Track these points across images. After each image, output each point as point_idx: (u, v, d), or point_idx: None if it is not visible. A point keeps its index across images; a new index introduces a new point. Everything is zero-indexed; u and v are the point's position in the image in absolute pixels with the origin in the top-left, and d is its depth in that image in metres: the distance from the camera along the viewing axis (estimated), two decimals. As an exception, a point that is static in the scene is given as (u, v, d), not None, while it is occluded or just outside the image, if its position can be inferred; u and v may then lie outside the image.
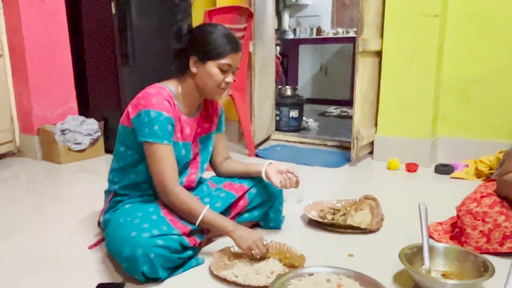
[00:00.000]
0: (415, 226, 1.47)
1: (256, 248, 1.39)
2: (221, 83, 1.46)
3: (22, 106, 3.03)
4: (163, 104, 1.40)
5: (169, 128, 1.42)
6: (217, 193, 1.61)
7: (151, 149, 1.41)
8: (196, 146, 1.60)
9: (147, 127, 1.39)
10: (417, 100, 2.69)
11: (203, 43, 1.45)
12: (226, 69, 1.45)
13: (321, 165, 2.80)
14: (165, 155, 1.40)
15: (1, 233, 1.79)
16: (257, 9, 3.00)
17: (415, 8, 2.61)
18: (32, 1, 2.87)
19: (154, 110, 1.38)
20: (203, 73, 1.46)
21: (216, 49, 1.43)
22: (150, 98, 1.40)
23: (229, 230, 1.41)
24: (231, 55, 1.45)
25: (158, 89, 1.44)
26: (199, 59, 1.45)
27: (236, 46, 1.47)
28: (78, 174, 2.72)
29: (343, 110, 4.86)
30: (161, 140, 1.40)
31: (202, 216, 1.40)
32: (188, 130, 1.53)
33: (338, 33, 5.97)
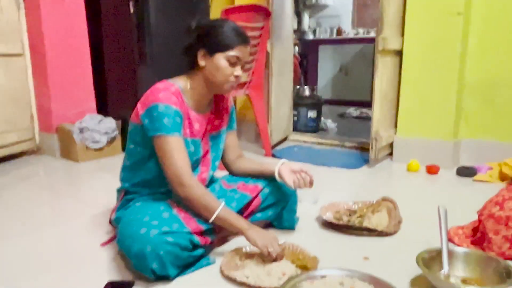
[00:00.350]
0: (434, 229, 1.41)
1: (271, 247, 1.35)
2: (230, 76, 1.44)
3: (42, 105, 3.07)
4: (171, 99, 1.39)
5: (178, 121, 1.40)
6: (232, 194, 1.58)
7: (161, 143, 1.38)
8: (206, 143, 1.58)
9: (156, 121, 1.37)
10: (439, 100, 2.62)
11: (211, 35, 1.43)
12: (234, 61, 1.43)
13: (338, 166, 2.75)
14: (176, 147, 1.38)
15: (16, 230, 1.81)
16: (275, 8, 2.97)
17: (437, 5, 2.54)
18: (53, 0, 2.91)
19: (162, 104, 1.37)
20: (211, 66, 1.44)
21: (224, 41, 1.41)
22: (157, 93, 1.39)
23: (245, 228, 1.38)
24: (240, 47, 1.43)
25: (166, 84, 1.43)
26: (208, 51, 1.43)
27: (244, 39, 1.45)
28: (95, 173, 2.73)
29: (363, 111, 4.79)
30: (171, 132, 1.37)
31: (218, 213, 1.37)
32: (197, 126, 1.51)
33: (358, 34, 5.90)
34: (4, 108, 2.85)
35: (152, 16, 2.90)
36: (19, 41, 2.95)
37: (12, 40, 2.89)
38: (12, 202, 2.18)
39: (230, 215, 1.40)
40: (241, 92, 2.88)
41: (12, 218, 1.96)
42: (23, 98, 3.01)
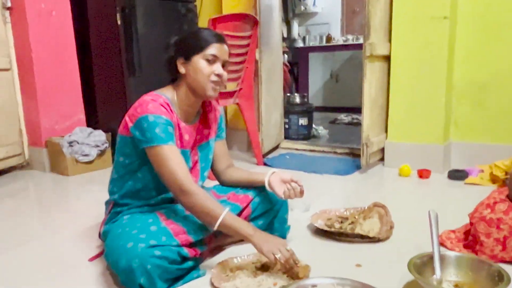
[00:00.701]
0: (426, 234, 1.40)
1: (279, 252, 1.31)
2: (210, 74, 1.42)
3: (30, 119, 3.05)
4: (160, 109, 1.38)
5: (170, 130, 1.38)
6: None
7: (156, 153, 1.36)
8: (195, 154, 1.56)
9: (147, 131, 1.35)
10: (428, 104, 2.62)
11: (186, 42, 1.44)
12: (212, 60, 1.42)
13: (330, 173, 2.74)
14: (172, 156, 1.36)
15: (4, 244, 1.78)
16: (263, 17, 2.97)
17: (423, 10, 2.56)
18: (39, 14, 2.90)
19: (152, 114, 1.35)
20: (191, 70, 1.43)
21: (198, 42, 1.42)
22: (146, 104, 1.37)
23: (250, 234, 1.34)
24: (215, 45, 1.42)
25: (154, 96, 1.42)
26: (185, 58, 1.44)
27: (219, 37, 1.45)
28: (85, 186, 2.70)
29: (354, 117, 4.79)
30: (165, 141, 1.35)
31: (222, 219, 1.34)
32: (187, 137, 1.50)
33: (348, 40, 5.93)
34: (-8, 123, 2.83)
35: (140, 27, 2.89)
36: (6, 56, 2.93)
37: (-1, 54, 2.87)
38: (0, 217, 2.14)
39: (234, 221, 1.37)
40: (230, 101, 2.87)
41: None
42: (11, 113, 2.98)
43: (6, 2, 2.87)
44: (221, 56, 1.44)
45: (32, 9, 2.86)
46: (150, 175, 1.46)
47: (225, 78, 1.46)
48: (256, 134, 3.02)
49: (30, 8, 2.85)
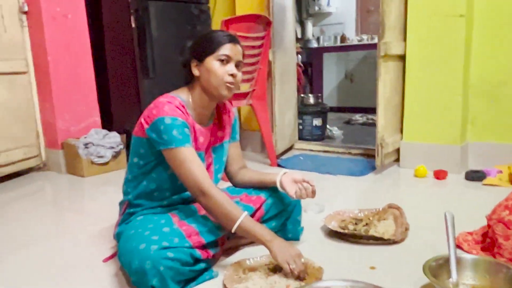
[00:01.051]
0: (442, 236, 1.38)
1: (293, 263, 1.31)
2: (224, 75, 1.42)
3: (47, 121, 3.09)
4: (176, 111, 1.38)
5: (186, 132, 1.39)
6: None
7: (175, 155, 1.36)
8: (209, 156, 1.56)
9: (164, 134, 1.35)
10: (444, 104, 2.58)
11: (199, 44, 1.45)
12: (225, 60, 1.42)
13: (344, 174, 2.71)
14: (191, 157, 1.36)
15: (19, 244, 1.81)
16: (276, 17, 2.96)
17: (439, 8, 2.52)
18: (55, 17, 2.94)
19: (168, 116, 1.36)
20: (204, 72, 1.43)
21: (211, 44, 1.42)
22: (162, 106, 1.38)
23: (267, 239, 1.34)
24: (228, 46, 1.42)
25: (169, 98, 1.42)
26: (198, 60, 1.44)
27: (232, 38, 1.44)
28: (100, 187, 2.73)
29: (369, 118, 4.75)
30: (183, 143, 1.36)
31: (240, 222, 1.34)
32: (201, 139, 1.50)
33: (362, 40, 5.88)
34: (10, 126, 2.87)
35: (153, 29, 2.91)
36: (23, 59, 2.98)
37: (16, 58, 2.92)
38: (17, 218, 2.18)
39: (252, 225, 1.37)
40: (244, 102, 2.87)
41: (15, 233, 1.96)
42: (28, 115, 3.03)
43: (23, 7, 2.92)
44: (234, 56, 1.44)
45: (48, 12, 2.90)
46: (165, 176, 1.47)
47: (239, 78, 1.46)
48: (270, 135, 3.01)
49: (46, 12, 2.90)
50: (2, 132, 2.82)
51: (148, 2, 2.95)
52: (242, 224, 1.34)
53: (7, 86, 2.86)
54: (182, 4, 3.16)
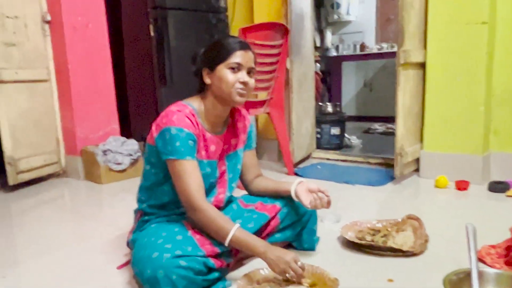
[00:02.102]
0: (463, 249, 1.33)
1: (290, 271, 1.28)
2: (235, 82, 1.41)
3: (66, 128, 3.14)
4: (184, 121, 1.37)
5: (190, 144, 1.38)
6: (249, 215, 1.54)
7: (175, 166, 1.37)
8: (222, 163, 1.55)
9: (169, 144, 1.36)
10: (466, 113, 2.52)
11: (210, 52, 1.44)
12: (236, 68, 1.41)
13: (363, 183, 2.67)
14: (189, 171, 1.36)
15: (36, 250, 1.82)
16: (294, 26, 2.95)
17: (460, 16, 2.47)
18: (76, 27, 3.00)
19: (174, 127, 1.36)
20: (216, 80, 1.42)
21: (221, 51, 1.41)
22: (171, 115, 1.38)
23: (260, 251, 1.32)
24: (238, 53, 1.41)
25: (180, 106, 1.42)
26: (210, 68, 1.43)
27: (243, 45, 1.43)
28: (117, 194, 2.75)
29: (388, 127, 4.68)
30: (183, 156, 1.36)
31: (232, 235, 1.32)
32: (213, 148, 1.49)
33: (382, 49, 5.82)
34: (31, 133, 2.93)
35: (171, 38, 2.94)
36: (45, 67, 3.04)
37: (38, 66, 2.98)
38: (36, 224, 2.20)
39: (245, 237, 1.35)
40: (261, 110, 2.86)
41: (34, 239, 1.98)
42: (49, 122, 3.08)
43: (46, 16, 2.99)
44: (246, 64, 1.42)
45: (69, 22, 2.96)
46: None
47: (251, 85, 1.44)
48: (287, 143, 2.99)
49: (68, 21, 2.95)
50: (24, 139, 2.87)
51: (167, 12, 2.99)
52: (234, 237, 1.33)
53: (29, 93, 2.91)
54: (201, 14, 3.19)
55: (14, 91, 2.80)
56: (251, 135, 1.66)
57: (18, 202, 2.62)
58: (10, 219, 2.37)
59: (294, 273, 1.28)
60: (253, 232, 1.48)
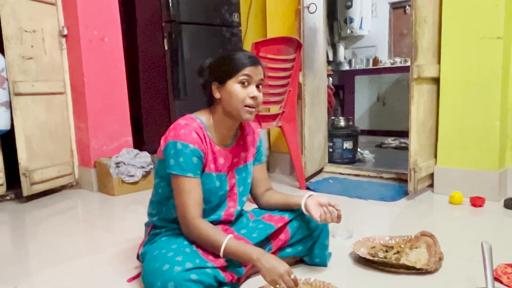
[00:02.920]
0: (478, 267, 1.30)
1: (282, 282, 1.25)
2: (245, 98, 1.40)
3: (81, 140, 3.17)
4: (191, 136, 1.38)
5: (194, 161, 1.38)
6: (255, 224, 1.53)
7: (176, 181, 1.39)
8: (232, 177, 1.55)
9: (173, 158, 1.37)
10: (481, 128, 2.49)
11: (220, 67, 1.44)
12: (246, 82, 1.40)
13: (375, 198, 2.64)
14: (188, 188, 1.38)
15: (47, 261, 1.83)
16: (307, 40, 2.97)
17: (475, 30, 2.45)
18: (92, 41, 3.05)
19: (180, 142, 1.36)
20: (225, 94, 1.42)
21: (231, 67, 1.41)
22: (179, 129, 1.39)
23: (253, 258, 1.29)
24: (248, 68, 1.40)
25: (188, 120, 1.43)
26: (219, 82, 1.43)
27: (253, 60, 1.43)
28: (130, 206, 2.76)
29: (402, 141, 4.64)
30: (186, 172, 1.37)
31: (225, 246, 1.32)
32: (222, 161, 1.49)
33: (395, 63, 5.81)
34: (46, 144, 2.97)
35: (185, 52, 2.97)
36: (61, 80, 3.09)
37: (54, 79, 3.03)
38: (47, 234, 2.22)
39: (238, 245, 1.33)
40: (273, 124, 2.86)
41: (44, 250, 1.99)
42: (63, 134, 3.12)
43: (63, 30, 3.05)
44: (255, 77, 1.42)
45: (85, 35, 3.02)
46: None
47: (260, 99, 1.44)
48: (299, 157, 2.98)
49: (84, 35, 3.01)
50: (39, 151, 2.91)
51: (181, 26, 3.03)
52: (228, 247, 1.32)
53: (46, 106, 2.96)
54: (214, 28, 3.22)
55: (31, 103, 2.85)
56: (260, 149, 1.66)
57: (32, 213, 2.65)
58: (24, 229, 2.39)
59: (285, 286, 1.25)
60: (257, 241, 1.47)
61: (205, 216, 1.48)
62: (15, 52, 2.74)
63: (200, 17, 3.13)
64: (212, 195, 1.47)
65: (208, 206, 1.48)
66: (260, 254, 1.30)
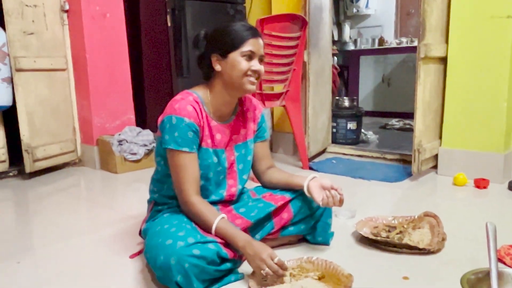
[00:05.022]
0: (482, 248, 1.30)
1: (265, 267, 1.25)
2: (247, 70, 1.39)
3: (83, 118, 3.16)
4: (186, 109, 1.37)
5: (190, 135, 1.37)
6: (255, 203, 1.53)
7: (172, 157, 1.39)
8: (231, 154, 1.53)
9: (168, 133, 1.37)
10: (488, 109, 2.45)
11: (221, 38, 1.41)
12: (249, 56, 1.39)
13: (379, 179, 2.62)
14: (183, 163, 1.37)
15: (49, 238, 1.84)
16: (312, 18, 2.91)
17: (484, 9, 2.40)
18: (94, 16, 3.00)
19: (175, 116, 1.36)
20: (227, 67, 1.40)
21: (234, 39, 1.38)
22: (174, 104, 1.38)
23: (239, 246, 1.31)
24: (251, 41, 1.39)
25: (184, 94, 1.42)
26: (221, 55, 1.41)
27: (254, 32, 1.41)
28: (132, 184, 2.76)
29: (406, 123, 4.60)
30: (181, 147, 1.36)
31: (215, 226, 1.33)
32: (219, 136, 1.48)
33: (401, 43, 5.72)
34: (49, 121, 2.95)
35: (189, 28, 2.93)
36: (63, 56, 3.06)
37: (56, 55, 3.00)
38: (50, 211, 2.22)
39: (227, 229, 1.34)
40: (277, 103, 2.83)
41: (47, 226, 2.00)
42: (66, 111, 3.10)
43: (64, 5, 3.00)
44: (258, 51, 1.41)
45: (87, 11, 2.97)
46: None
47: (262, 73, 1.43)
48: (302, 137, 2.96)
49: (86, 11, 2.96)
50: (41, 127, 2.90)
51: (185, 2, 2.98)
52: (218, 228, 1.33)
53: (47, 82, 2.94)
54: (218, 4, 3.17)
55: (33, 79, 2.83)
56: (262, 125, 1.63)
57: (34, 190, 2.65)
58: (27, 206, 2.40)
59: (269, 270, 1.25)
60: (256, 220, 1.47)
61: (207, 196, 1.47)
62: (16, 27, 2.70)
63: (204, -7, 3.08)
64: (210, 171, 1.46)
65: (207, 183, 1.47)
66: (245, 242, 1.31)
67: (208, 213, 1.36)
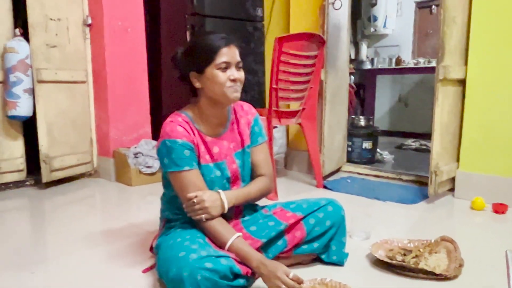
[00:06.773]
0: (501, 275, 1.26)
1: (282, 285, 1.24)
2: (226, 81, 1.39)
3: (101, 130, 3.20)
4: (176, 131, 1.39)
5: (186, 153, 1.39)
6: (265, 221, 1.52)
7: (175, 179, 1.41)
8: (232, 162, 1.53)
9: (165, 157, 1.40)
10: (507, 133, 2.41)
11: (194, 55, 1.42)
12: (224, 67, 1.39)
13: (394, 200, 2.59)
14: (188, 181, 1.39)
15: (63, 250, 1.85)
16: (330, 37, 2.93)
17: (505, 32, 2.38)
18: (115, 31, 3.06)
19: (168, 139, 1.39)
20: (206, 82, 1.41)
21: (207, 53, 1.39)
22: (165, 128, 1.41)
23: (253, 266, 1.30)
24: (224, 50, 1.39)
25: (173, 116, 1.45)
26: (197, 72, 1.42)
27: (226, 41, 1.40)
28: (146, 197, 2.77)
29: (422, 144, 4.55)
30: (181, 167, 1.39)
31: (229, 245, 1.33)
32: (216, 150, 1.49)
33: (419, 63, 5.70)
34: (67, 132, 3.00)
35: (207, 45, 2.96)
36: (84, 69, 3.12)
37: (77, 68, 3.06)
38: (65, 222, 2.24)
39: (241, 249, 1.33)
40: (293, 121, 2.83)
41: (62, 237, 2.01)
42: (84, 123, 3.15)
43: (87, 20, 3.07)
44: (233, 59, 1.41)
45: (109, 26, 3.03)
46: None
47: (242, 78, 1.43)
48: (317, 155, 2.95)
49: (108, 26, 3.03)
50: (60, 138, 2.94)
51: (205, 19, 3.02)
52: (232, 247, 1.33)
53: (67, 94, 2.99)
54: (237, 22, 3.21)
55: (53, 91, 2.88)
56: (254, 130, 1.60)
57: (50, 199, 2.68)
58: (43, 215, 2.43)
59: (286, 287, 1.24)
60: (267, 239, 1.46)
61: None
62: (39, 40, 2.77)
63: (224, 11, 3.12)
64: (215, 185, 1.47)
65: None
66: (259, 262, 1.30)
67: (223, 230, 1.36)
